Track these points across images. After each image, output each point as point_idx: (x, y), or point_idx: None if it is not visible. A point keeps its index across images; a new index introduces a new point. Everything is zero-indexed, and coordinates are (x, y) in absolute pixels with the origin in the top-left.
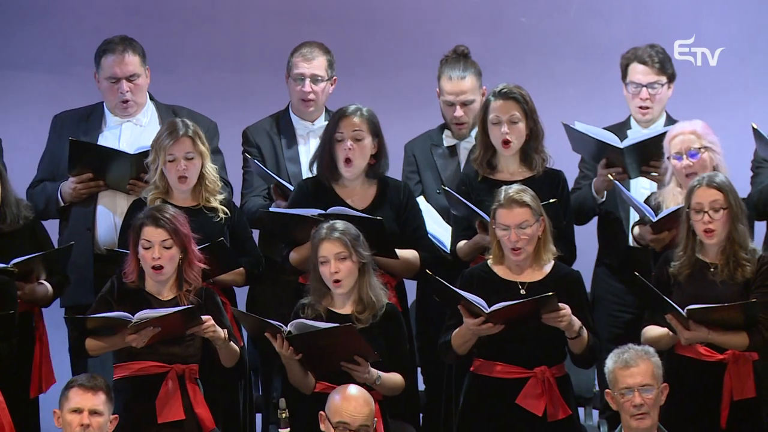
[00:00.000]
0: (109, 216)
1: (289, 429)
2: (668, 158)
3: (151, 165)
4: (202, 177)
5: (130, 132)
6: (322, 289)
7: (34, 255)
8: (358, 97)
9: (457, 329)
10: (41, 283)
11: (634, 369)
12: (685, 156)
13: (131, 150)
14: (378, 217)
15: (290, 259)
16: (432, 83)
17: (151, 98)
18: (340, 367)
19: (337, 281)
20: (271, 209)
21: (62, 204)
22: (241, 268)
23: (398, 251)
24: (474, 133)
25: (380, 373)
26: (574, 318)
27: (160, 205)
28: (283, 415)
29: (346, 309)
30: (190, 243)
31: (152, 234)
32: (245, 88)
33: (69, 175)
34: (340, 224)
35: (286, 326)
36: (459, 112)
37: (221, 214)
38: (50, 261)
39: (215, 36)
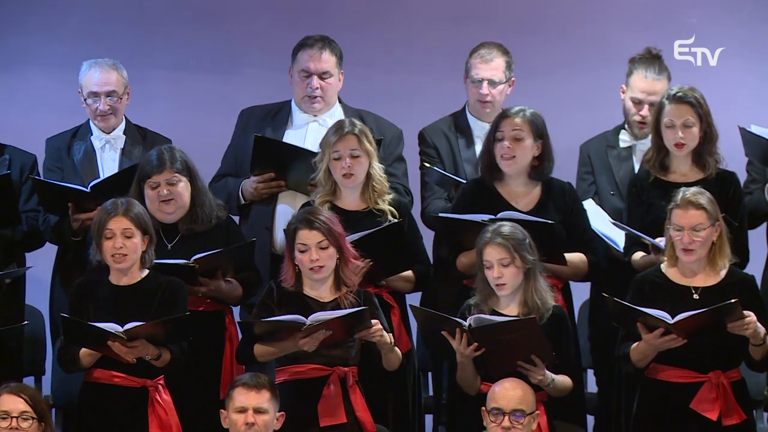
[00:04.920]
0: (288, 216)
1: None
2: None
3: (318, 164)
4: (369, 177)
5: (316, 133)
6: (488, 290)
7: (214, 251)
8: (527, 97)
9: (636, 344)
10: (228, 281)
11: None
12: None
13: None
14: (549, 221)
15: (458, 264)
16: (601, 84)
17: (340, 102)
18: (516, 367)
19: (499, 285)
20: (441, 214)
21: (242, 202)
22: (411, 274)
23: (566, 255)
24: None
25: (553, 375)
26: (759, 325)
27: (312, 208)
28: None
29: (511, 310)
30: (344, 242)
31: (307, 237)
32: (412, 89)
33: (251, 174)
34: (506, 228)
35: (465, 321)
36: (646, 111)
37: (390, 217)
38: (234, 258)
39: (383, 37)
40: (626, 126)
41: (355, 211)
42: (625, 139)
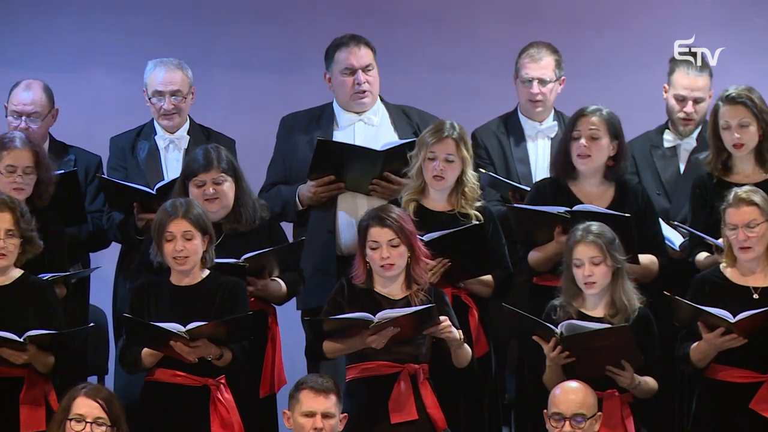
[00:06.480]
0: (350, 217)
1: None
2: None
3: (412, 159)
4: (461, 183)
5: (364, 132)
6: (574, 290)
7: (264, 250)
8: (586, 97)
9: (696, 344)
10: (274, 280)
11: None
12: None
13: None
14: (627, 214)
15: (529, 259)
16: (661, 84)
17: (381, 99)
18: (605, 371)
19: (589, 284)
20: (515, 205)
21: (300, 208)
22: (491, 279)
23: (639, 256)
24: (695, 134)
25: (640, 378)
26: None
27: (385, 205)
28: None
29: (597, 312)
30: (416, 240)
31: (379, 234)
32: (474, 88)
33: (308, 178)
34: (595, 227)
35: (557, 327)
36: (690, 108)
37: (474, 221)
38: (282, 257)
39: (444, 37)
40: (669, 125)
41: (439, 212)
42: (669, 138)
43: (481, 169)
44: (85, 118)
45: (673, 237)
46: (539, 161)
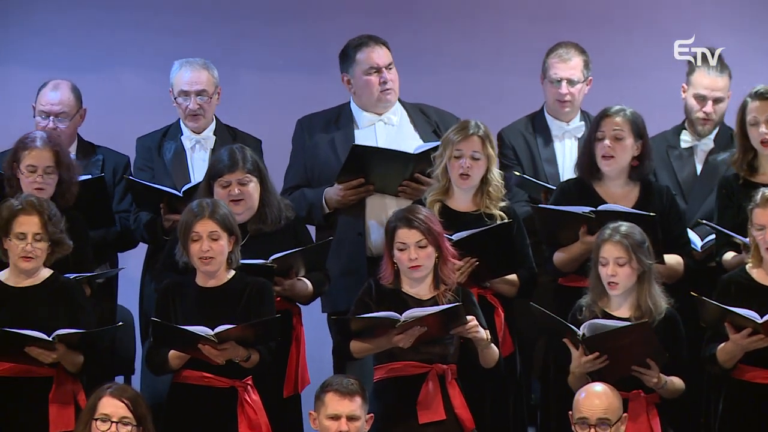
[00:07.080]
0: (379, 219)
1: None
2: None
3: (437, 159)
4: (486, 182)
5: (385, 132)
6: (600, 288)
7: (293, 251)
8: (609, 97)
9: (723, 345)
10: (300, 280)
11: None
12: None
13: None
14: (651, 213)
15: (554, 259)
16: (679, 84)
17: (398, 99)
18: (630, 371)
19: (612, 284)
20: (540, 205)
21: (327, 211)
22: (516, 278)
23: (664, 256)
24: (713, 135)
25: (666, 378)
26: None
27: (413, 206)
28: None
29: (622, 312)
30: (443, 241)
31: (407, 235)
32: (501, 88)
33: (337, 182)
34: (625, 227)
35: (579, 329)
36: (710, 107)
37: (499, 221)
38: (310, 257)
39: (471, 36)
40: (686, 126)
41: (464, 213)
42: (686, 139)
43: (516, 172)
44: (112, 118)
45: (694, 238)
46: (566, 161)
